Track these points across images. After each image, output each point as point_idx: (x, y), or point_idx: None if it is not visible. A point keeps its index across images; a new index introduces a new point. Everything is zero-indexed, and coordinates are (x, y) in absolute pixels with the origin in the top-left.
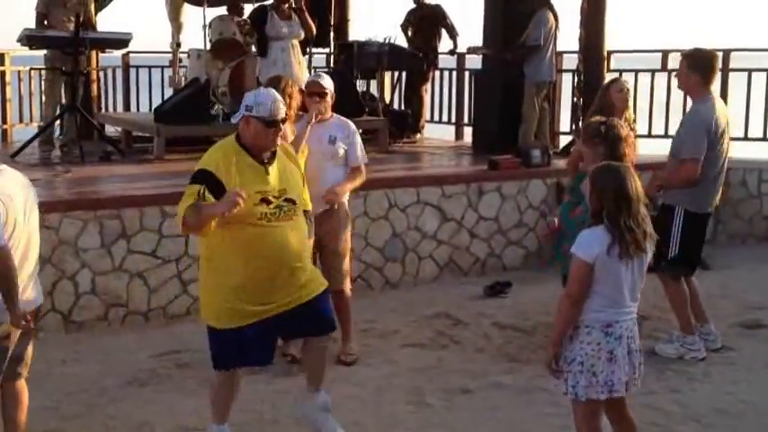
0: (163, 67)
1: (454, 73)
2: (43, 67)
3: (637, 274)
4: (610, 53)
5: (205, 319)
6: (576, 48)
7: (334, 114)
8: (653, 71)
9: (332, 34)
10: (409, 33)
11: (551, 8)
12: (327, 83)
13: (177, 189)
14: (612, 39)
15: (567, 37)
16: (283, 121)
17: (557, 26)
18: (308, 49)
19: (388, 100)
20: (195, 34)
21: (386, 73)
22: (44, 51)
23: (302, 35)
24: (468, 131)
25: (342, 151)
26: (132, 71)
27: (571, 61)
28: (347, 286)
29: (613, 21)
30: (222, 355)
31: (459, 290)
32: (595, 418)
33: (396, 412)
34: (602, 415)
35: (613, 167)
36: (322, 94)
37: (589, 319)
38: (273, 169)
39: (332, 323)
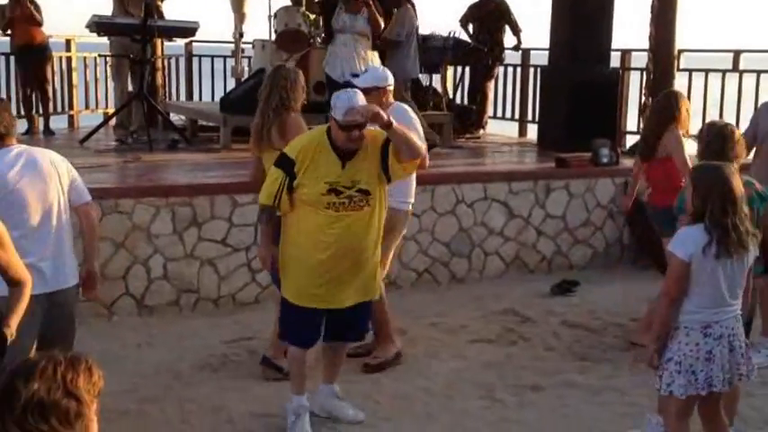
0: (225, 57)
1: (518, 69)
2: (108, 53)
3: (737, 272)
4: (680, 52)
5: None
6: (646, 46)
7: (396, 102)
8: (724, 71)
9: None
10: (470, 28)
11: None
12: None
13: (246, 179)
14: (683, 37)
15: (637, 34)
16: (360, 126)
17: None
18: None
19: (451, 95)
20: (260, 24)
21: (449, 68)
22: (110, 38)
23: (368, 30)
24: (531, 128)
25: None
26: (195, 60)
27: (640, 59)
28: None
29: (684, 19)
30: (284, 326)
31: (526, 287)
32: (687, 415)
33: (468, 407)
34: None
35: (715, 167)
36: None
37: (687, 320)
38: (352, 162)
39: (363, 334)
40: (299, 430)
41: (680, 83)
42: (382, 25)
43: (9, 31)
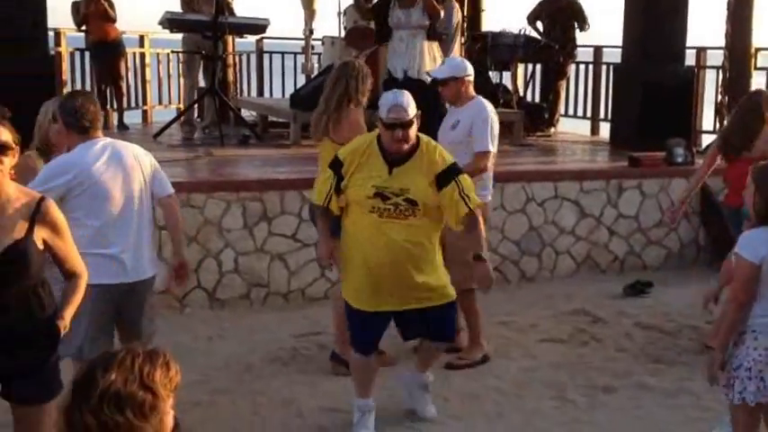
0: (295, 54)
1: (591, 66)
2: (181, 49)
3: None
4: (757, 50)
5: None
6: (722, 44)
7: (477, 97)
8: None
9: (465, 24)
10: (538, 25)
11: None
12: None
13: (315, 175)
14: (760, 35)
15: (712, 32)
16: (405, 125)
17: None
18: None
19: (521, 92)
20: (330, 21)
21: (520, 65)
22: (181, 34)
23: (427, 22)
24: (604, 126)
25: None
26: (266, 57)
27: (716, 58)
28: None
29: (761, 16)
30: (353, 335)
31: (598, 287)
32: (756, 426)
33: (539, 407)
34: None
35: None
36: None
37: (756, 323)
38: (401, 170)
39: (448, 337)
40: (363, 427)
41: (757, 81)
42: (441, 12)
43: (84, 28)
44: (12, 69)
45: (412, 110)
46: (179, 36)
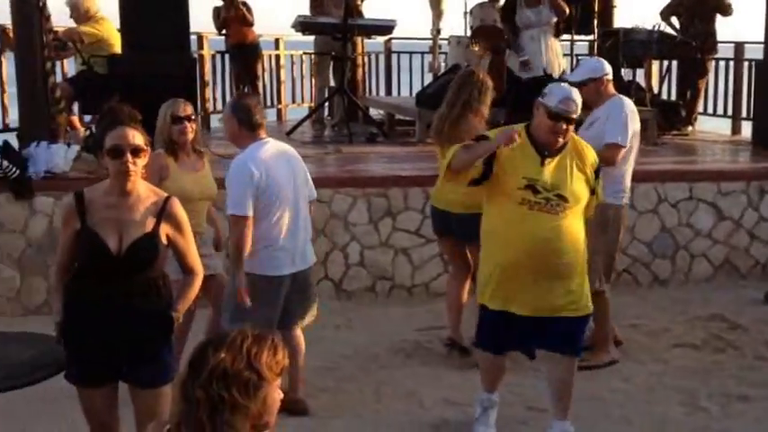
0: (423, 53)
1: (731, 63)
2: (312, 51)
3: None
4: None
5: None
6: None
7: (616, 95)
8: None
9: (595, 21)
10: (673, 21)
11: None
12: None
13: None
14: None
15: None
16: (570, 120)
17: None
18: (570, 36)
19: (655, 90)
20: (457, 21)
21: (654, 62)
22: (313, 36)
23: (554, 19)
24: (746, 125)
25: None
26: (394, 57)
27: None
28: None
29: None
30: (479, 331)
31: (737, 293)
32: None
33: (668, 413)
34: None
35: None
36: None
37: None
38: (552, 164)
39: (576, 350)
40: (483, 424)
41: None
42: (566, 9)
43: (224, 32)
44: (158, 71)
45: (579, 108)
46: (311, 38)
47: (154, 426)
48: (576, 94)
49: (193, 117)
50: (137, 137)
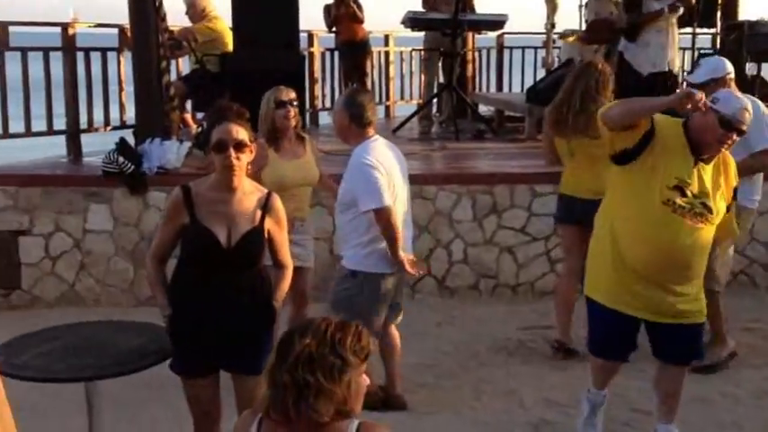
0: (536, 48)
1: None
2: (422, 47)
3: None
4: None
5: (589, 292)
6: None
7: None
8: None
9: (719, 13)
10: None
11: None
12: None
13: (547, 169)
14: None
15: None
16: (741, 131)
17: None
18: (692, 29)
19: None
20: (572, 15)
21: None
22: (423, 33)
23: (681, 11)
24: None
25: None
26: (506, 52)
27: None
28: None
29: None
30: (592, 335)
31: None
32: None
33: None
34: None
35: None
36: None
37: None
38: (703, 171)
39: (694, 356)
40: (589, 423)
41: None
42: (692, 2)
43: (335, 29)
44: (267, 69)
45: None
46: (421, 34)
47: (247, 413)
48: (750, 106)
49: (296, 102)
50: (240, 132)
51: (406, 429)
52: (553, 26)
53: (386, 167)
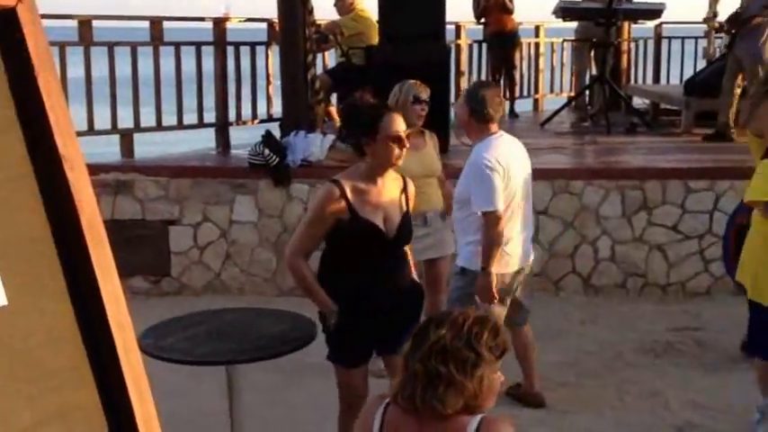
0: (696, 38)
1: None
2: (573, 38)
3: None
4: None
5: (756, 297)
6: None
7: None
8: None
9: None
10: None
11: None
12: None
13: (703, 164)
14: None
15: None
16: None
17: None
18: None
19: None
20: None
21: None
22: (575, 23)
23: None
24: None
25: None
26: (664, 42)
27: None
28: None
29: None
30: (754, 335)
31: None
32: None
33: None
34: None
35: None
36: None
37: None
38: None
39: None
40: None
41: None
42: None
43: (483, 20)
44: (412, 62)
45: None
46: (573, 25)
47: (375, 397)
48: None
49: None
50: (401, 123)
51: (546, 427)
52: (715, 15)
53: (505, 167)
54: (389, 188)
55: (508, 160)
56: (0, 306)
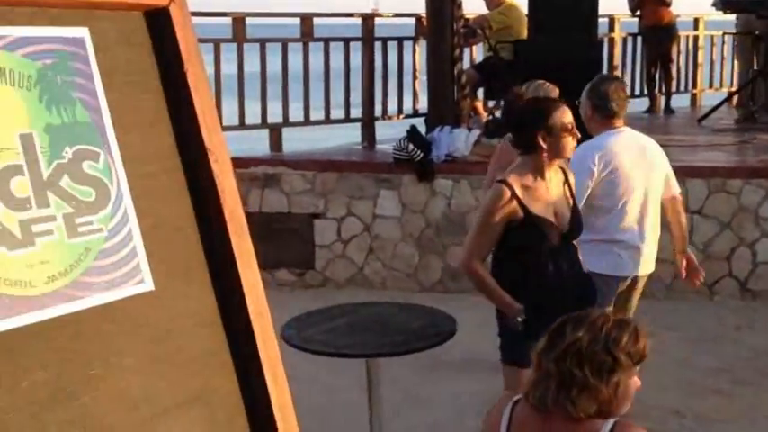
0: None
1: None
2: (734, 31)
3: None
4: None
5: None
6: None
7: None
8: None
9: None
10: None
11: None
12: None
13: None
14: None
15: None
16: None
17: None
18: None
19: None
20: None
21: None
22: (735, 15)
23: None
24: None
25: None
26: None
27: None
28: None
29: None
30: None
31: None
32: None
33: None
34: None
35: None
36: None
37: None
38: None
39: None
40: None
41: None
42: None
43: (638, 12)
44: (562, 56)
45: None
46: (734, 17)
47: (505, 394)
48: None
49: None
50: (568, 115)
51: None
52: None
53: (612, 161)
54: (555, 181)
55: (617, 155)
56: (147, 291)
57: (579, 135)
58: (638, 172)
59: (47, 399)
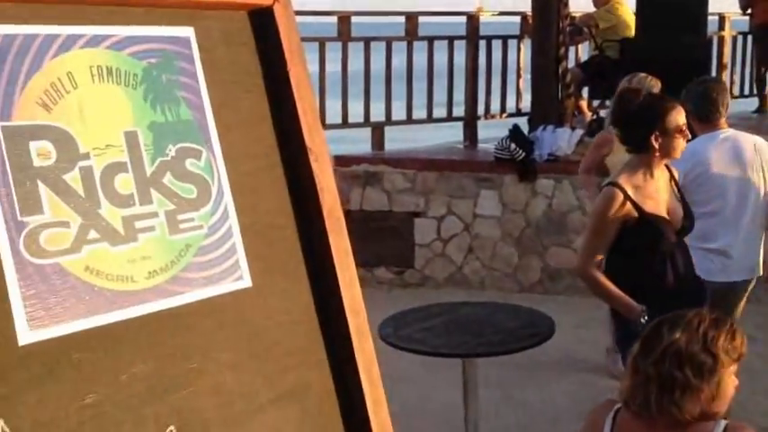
0: None
1: None
2: None
3: None
4: None
5: None
6: None
7: None
8: None
9: None
10: None
11: None
12: None
13: None
14: None
15: None
16: None
17: None
18: None
19: None
20: None
21: None
22: None
23: None
24: None
25: None
26: None
27: None
28: None
29: None
30: None
31: None
32: None
33: None
34: None
35: None
36: None
37: None
38: None
39: None
40: None
41: None
42: None
43: (749, 10)
44: (669, 55)
45: None
46: None
47: (604, 401)
48: None
49: None
50: (682, 115)
51: None
52: None
53: (704, 163)
54: (662, 180)
55: (712, 157)
56: (244, 287)
57: (690, 136)
58: (731, 176)
59: (145, 392)
